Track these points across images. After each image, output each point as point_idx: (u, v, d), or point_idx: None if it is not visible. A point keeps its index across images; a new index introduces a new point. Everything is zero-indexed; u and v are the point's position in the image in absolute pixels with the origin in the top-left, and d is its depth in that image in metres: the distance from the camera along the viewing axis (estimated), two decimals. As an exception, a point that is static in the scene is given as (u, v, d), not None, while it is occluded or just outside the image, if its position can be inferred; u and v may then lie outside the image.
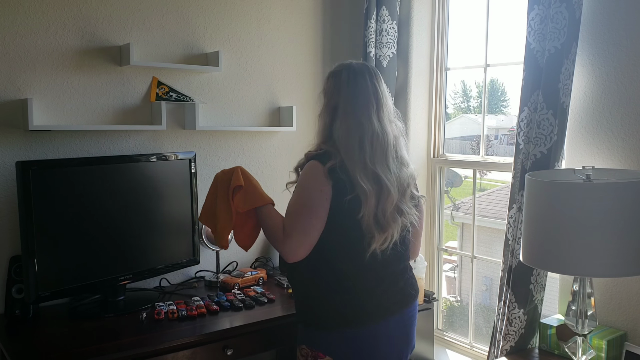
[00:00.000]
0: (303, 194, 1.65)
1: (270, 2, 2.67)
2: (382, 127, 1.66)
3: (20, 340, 1.85)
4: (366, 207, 1.60)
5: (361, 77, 1.68)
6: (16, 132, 2.10)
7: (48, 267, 1.95)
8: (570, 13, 1.88)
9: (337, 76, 1.71)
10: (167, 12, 2.40)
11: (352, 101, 1.66)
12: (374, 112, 1.66)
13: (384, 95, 1.71)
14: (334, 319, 1.66)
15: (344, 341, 1.65)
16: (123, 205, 2.15)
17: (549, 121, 1.94)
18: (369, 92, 1.67)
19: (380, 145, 1.65)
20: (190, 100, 2.42)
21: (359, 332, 1.66)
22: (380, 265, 1.67)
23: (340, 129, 1.66)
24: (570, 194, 1.47)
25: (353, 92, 1.67)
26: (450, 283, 4.13)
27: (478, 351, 2.61)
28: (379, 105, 1.68)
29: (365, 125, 1.64)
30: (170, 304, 2.10)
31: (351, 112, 1.66)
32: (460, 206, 4.50)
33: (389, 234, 1.63)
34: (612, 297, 1.94)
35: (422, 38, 2.71)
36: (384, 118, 1.68)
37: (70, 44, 2.20)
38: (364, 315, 1.66)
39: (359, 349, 1.66)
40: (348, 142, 1.63)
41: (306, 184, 1.65)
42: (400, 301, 1.73)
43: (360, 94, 1.67)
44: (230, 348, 1.94)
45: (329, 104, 1.71)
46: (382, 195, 1.62)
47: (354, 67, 1.71)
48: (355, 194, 1.60)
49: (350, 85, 1.67)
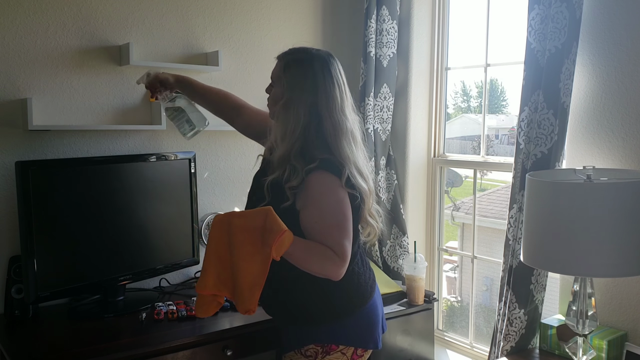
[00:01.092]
0: (332, 208, 1.52)
1: (270, 2, 2.67)
2: (352, 122, 1.62)
3: (19, 340, 1.85)
4: (366, 204, 1.64)
5: (333, 68, 1.60)
6: (16, 132, 2.10)
7: (48, 267, 1.94)
8: (571, 13, 1.87)
9: (307, 67, 1.59)
10: (167, 11, 2.40)
11: (332, 98, 1.58)
12: (347, 106, 1.61)
13: (346, 86, 1.64)
14: (342, 306, 1.64)
15: (356, 323, 1.66)
16: (123, 205, 2.14)
17: (549, 121, 1.93)
18: (341, 85, 1.61)
19: (355, 140, 1.62)
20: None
21: (366, 309, 1.68)
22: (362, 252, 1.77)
23: (328, 129, 1.57)
24: (570, 194, 1.47)
25: (331, 86, 1.58)
26: (451, 283, 4.13)
27: (478, 351, 2.60)
28: (347, 98, 1.63)
29: (345, 122, 1.59)
30: (170, 304, 2.10)
31: (334, 110, 1.57)
32: (461, 206, 4.50)
33: (379, 223, 1.71)
34: (613, 297, 1.93)
35: (423, 38, 2.70)
36: (352, 112, 1.64)
37: (70, 43, 2.20)
38: (367, 291, 1.69)
39: (368, 325, 1.68)
40: (339, 142, 1.57)
41: (330, 200, 1.53)
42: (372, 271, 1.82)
43: (335, 88, 1.59)
44: (230, 348, 1.94)
45: (301, 99, 1.57)
46: (372, 193, 1.67)
47: (322, 56, 1.61)
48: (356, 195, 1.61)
49: (326, 80, 1.58)
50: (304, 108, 1.57)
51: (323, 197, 1.53)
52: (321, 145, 1.57)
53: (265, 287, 1.42)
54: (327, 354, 1.64)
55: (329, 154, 1.57)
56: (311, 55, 1.62)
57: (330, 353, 1.64)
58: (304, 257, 1.49)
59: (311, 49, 1.66)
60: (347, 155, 1.57)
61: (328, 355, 1.64)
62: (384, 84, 2.64)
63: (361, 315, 1.67)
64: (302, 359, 1.65)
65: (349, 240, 1.53)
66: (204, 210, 2.51)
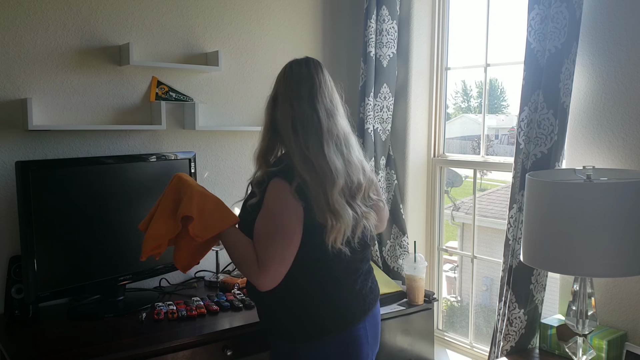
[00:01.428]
0: (275, 219, 1.53)
1: (270, 2, 2.67)
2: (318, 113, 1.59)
3: (19, 340, 1.85)
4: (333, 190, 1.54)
5: (297, 65, 1.65)
6: (15, 132, 2.10)
7: (47, 267, 1.94)
8: (571, 13, 1.87)
9: (282, 70, 1.68)
10: (166, 11, 2.40)
11: (289, 88, 1.61)
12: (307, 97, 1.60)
13: (324, 83, 1.63)
14: (322, 326, 1.61)
15: (330, 348, 1.62)
16: (123, 205, 2.14)
17: (549, 121, 1.93)
18: (305, 79, 1.62)
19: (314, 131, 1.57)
20: (190, 100, 2.42)
21: (346, 335, 1.62)
22: (352, 268, 1.65)
23: (281, 117, 1.61)
24: (570, 194, 1.47)
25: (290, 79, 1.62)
26: (451, 283, 4.13)
27: (478, 351, 2.60)
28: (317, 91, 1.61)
29: (296, 109, 1.59)
30: (170, 304, 2.10)
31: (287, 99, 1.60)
32: (461, 206, 4.50)
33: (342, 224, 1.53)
34: (613, 297, 1.94)
35: (423, 38, 2.70)
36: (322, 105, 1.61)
37: (70, 43, 2.20)
38: (350, 316, 1.63)
39: (344, 353, 1.62)
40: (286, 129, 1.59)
41: (277, 208, 1.54)
42: (372, 300, 1.72)
43: (297, 81, 1.61)
44: (230, 348, 1.94)
45: (271, 96, 1.67)
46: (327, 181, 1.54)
47: (296, 59, 1.68)
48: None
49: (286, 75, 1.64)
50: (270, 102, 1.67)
51: (268, 207, 1.56)
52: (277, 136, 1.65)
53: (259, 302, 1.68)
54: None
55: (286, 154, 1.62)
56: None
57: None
58: (232, 254, 1.60)
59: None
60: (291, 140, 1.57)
61: None
62: (384, 84, 2.64)
63: (333, 345, 1.61)
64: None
65: (278, 253, 1.52)
66: (204, 210, 2.51)
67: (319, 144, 1.56)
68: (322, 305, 1.61)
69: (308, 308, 1.62)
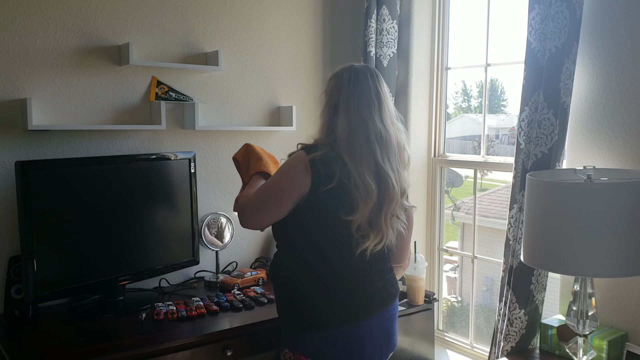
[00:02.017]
0: (275, 177, 1.70)
1: (270, 2, 2.67)
2: (385, 127, 1.67)
3: (19, 340, 1.84)
4: (365, 205, 1.60)
5: (362, 77, 1.69)
6: (15, 132, 2.10)
7: (47, 267, 1.94)
8: (571, 12, 1.87)
9: (339, 76, 1.71)
10: (166, 11, 2.40)
11: (354, 99, 1.67)
12: (375, 111, 1.67)
13: (385, 96, 1.71)
14: (318, 319, 1.65)
15: (327, 342, 1.65)
16: (122, 205, 2.14)
17: (549, 121, 1.93)
18: (370, 91, 1.68)
19: (384, 145, 1.65)
20: (189, 100, 2.41)
21: (342, 331, 1.65)
22: (365, 265, 1.67)
23: (341, 125, 1.65)
24: (571, 194, 1.47)
25: (354, 90, 1.67)
26: (451, 283, 4.13)
27: (479, 352, 2.60)
28: (381, 105, 1.68)
29: (368, 123, 1.65)
30: (170, 305, 2.10)
31: (353, 110, 1.66)
32: (461, 206, 4.49)
33: (384, 235, 1.65)
34: (613, 297, 1.93)
35: (423, 37, 2.70)
36: (386, 118, 1.68)
37: (70, 43, 2.19)
38: (346, 315, 1.65)
39: (342, 349, 1.65)
40: (352, 138, 1.63)
41: (282, 170, 1.69)
42: (382, 300, 1.72)
43: (361, 93, 1.67)
44: (230, 349, 1.94)
45: (329, 103, 1.71)
46: (387, 195, 1.64)
47: (356, 68, 1.72)
48: (333, 185, 1.59)
49: (351, 84, 1.68)
50: (328, 109, 1.71)
51: (279, 168, 1.74)
52: (335, 141, 1.66)
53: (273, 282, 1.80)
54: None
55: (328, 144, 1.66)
56: (345, 68, 1.74)
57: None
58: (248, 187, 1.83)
59: (352, 63, 1.76)
60: (359, 153, 1.62)
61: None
62: (384, 83, 2.63)
63: (331, 336, 1.65)
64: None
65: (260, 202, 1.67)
66: (204, 210, 2.51)
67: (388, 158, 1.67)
68: (318, 298, 1.65)
69: (303, 300, 1.68)
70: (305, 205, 1.62)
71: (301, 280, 1.68)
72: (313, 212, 1.62)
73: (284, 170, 1.68)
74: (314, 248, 1.66)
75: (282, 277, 1.75)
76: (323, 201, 1.60)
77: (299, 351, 1.67)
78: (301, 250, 1.68)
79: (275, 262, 1.78)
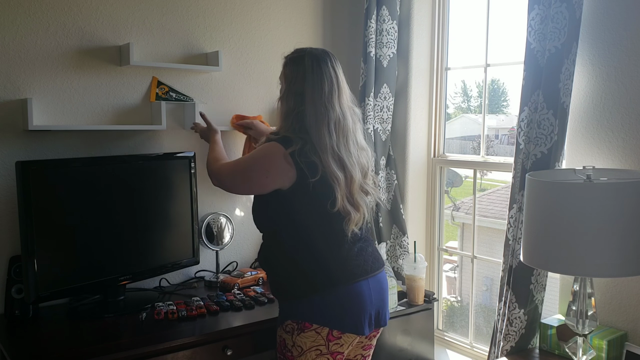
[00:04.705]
0: (251, 163, 1.78)
1: (270, 2, 2.67)
2: (343, 112, 1.74)
3: (20, 340, 1.85)
4: (339, 190, 1.68)
5: (324, 63, 1.75)
6: (16, 132, 2.10)
7: (48, 267, 1.94)
8: (571, 13, 1.88)
9: (300, 62, 1.76)
10: (167, 11, 2.40)
11: (318, 87, 1.72)
12: (336, 97, 1.73)
13: (342, 80, 1.78)
14: (319, 283, 1.71)
15: (329, 303, 1.70)
16: (123, 205, 2.15)
17: (549, 121, 1.93)
18: (331, 77, 1.74)
19: (342, 131, 1.73)
20: (190, 100, 2.42)
21: (341, 291, 1.71)
22: (354, 238, 1.77)
23: (309, 114, 1.71)
24: (570, 194, 1.47)
25: (318, 78, 1.73)
26: (451, 283, 4.13)
27: (478, 351, 2.61)
28: (340, 90, 1.75)
29: (329, 110, 1.71)
30: (170, 304, 2.10)
31: (318, 99, 1.71)
32: (461, 206, 4.49)
33: (361, 213, 1.75)
34: (613, 297, 1.93)
35: (423, 38, 2.70)
36: (344, 103, 1.76)
37: (70, 43, 2.20)
38: (344, 276, 1.72)
39: (343, 307, 1.71)
40: (318, 128, 1.70)
41: (258, 158, 1.75)
42: (373, 264, 1.81)
43: (324, 79, 1.73)
44: (230, 348, 1.94)
45: (292, 89, 1.76)
46: (347, 179, 1.72)
47: (315, 53, 1.77)
48: (319, 177, 1.67)
49: (314, 71, 1.73)
50: (292, 97, 1.76)
51: (252, 154, 1.81)
52: (301, 130, 1.72)
53: (265, 268, 1.89)
54: (302, 331, 1.72)
55: (298, 136, 1.70)
56: (304, 53, 1.79)
57: (305, 330, 1.72)
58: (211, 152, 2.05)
59: (307, 48, 1.81)
60: (325, 142, 1.69)
61: (303, 333, 1.72)
62: (384, 84, 2.64)
63: (333, 297, 1.71)
64: (284, 335, 1.78)
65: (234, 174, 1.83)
66: (204, 210, 2.51)
67: (346, 144, 1.73)
68: (318, 264, 1.73)
69: (303, 267, 1.74)
70: (297, 196, 1.70)
71: (296, 259, 1.75)
72: (306, 204, 1.71)
73: (260, 161, 1.74)
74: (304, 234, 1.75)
75: (275, 259, 1.82)
76: (314, 192, 1.68)
77: (302, 318, 1.72)
78: (292, 236, 1.76)
79: (266, 245, 1.86)
